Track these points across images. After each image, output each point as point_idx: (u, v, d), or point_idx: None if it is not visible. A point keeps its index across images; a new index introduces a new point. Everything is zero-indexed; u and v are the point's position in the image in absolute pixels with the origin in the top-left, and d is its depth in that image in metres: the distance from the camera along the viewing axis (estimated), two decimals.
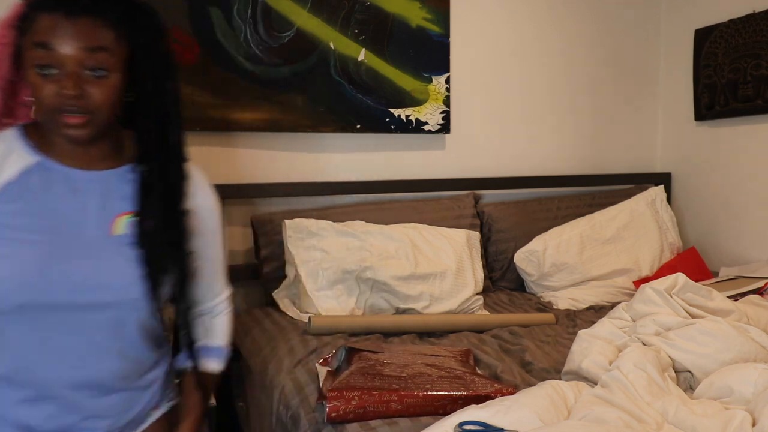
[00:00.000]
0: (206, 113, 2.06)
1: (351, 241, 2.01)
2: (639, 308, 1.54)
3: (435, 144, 2.52)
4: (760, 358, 1.32)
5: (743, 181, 2.59)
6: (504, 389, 1.30)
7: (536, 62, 2.71)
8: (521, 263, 2.33)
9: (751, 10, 2.48)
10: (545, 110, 2.75)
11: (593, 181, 2.76)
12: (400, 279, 1.96)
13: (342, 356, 1.50)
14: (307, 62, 2.20)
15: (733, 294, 1.95)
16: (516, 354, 1.65)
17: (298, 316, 1.94)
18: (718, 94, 2.62)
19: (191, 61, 2.03)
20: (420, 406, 1.25)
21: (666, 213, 2.62)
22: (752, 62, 2.45)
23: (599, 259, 2.36)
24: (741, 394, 1.17)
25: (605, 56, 2.86)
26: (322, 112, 2.24)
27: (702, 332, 1.36)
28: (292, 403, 1.39)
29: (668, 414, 1.12)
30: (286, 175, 2.27)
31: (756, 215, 2.54)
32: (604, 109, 2.89)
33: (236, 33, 2.09)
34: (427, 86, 2.40)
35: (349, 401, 1.23)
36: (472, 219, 2.38)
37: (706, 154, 2.76)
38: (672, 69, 2.91)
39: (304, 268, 1.96)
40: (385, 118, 2.34)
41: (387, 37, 2.31)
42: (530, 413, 1.10)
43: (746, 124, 2.56)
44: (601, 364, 1.33)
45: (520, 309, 2.14)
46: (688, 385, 1.34)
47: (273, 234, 2.10)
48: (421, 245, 2.09)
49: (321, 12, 2.20)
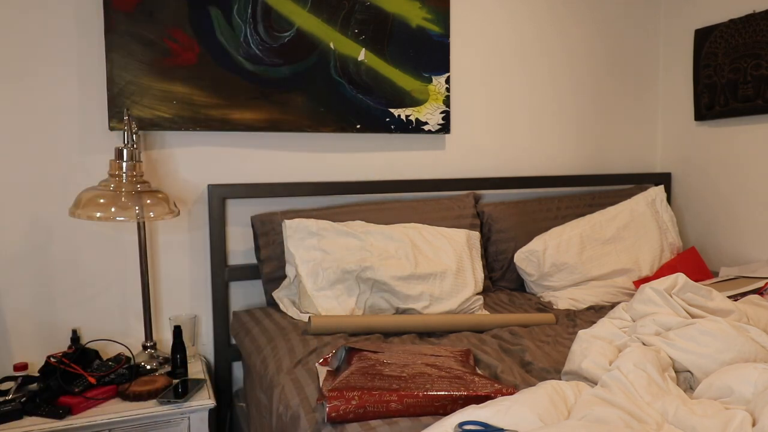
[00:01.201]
0: (206, 113, 2.07)
1: (351, 241, 2.01)
2: (639, 308, 1.54)
3: (435, 144, 2.52)
4: (760, 358, 1.32)
5: (743, 181, 2.59)
6: (504, 389, 1.30)
7: (536, 62, 2.71)
8: (521, 263, 2.33)
9: (751, 10, 2.48)
10: (545, 110, 2.75)
11: (593, 181, 2.76)
12: (400, 279, 1.96)
13: (342, 356, 1.50)
14: (307, 62, 2.20)
15: (733, 294, 1.95)
16: (516, 354, 1.65)
17: (298, 316, 1.95)
18: (718, 94, 2.62)
19: (191, 61, 2.04)
20: (420, 406, 1.25)
21: (666, 213, 2.62)
22: (752, 62, 2.46)
23: (599, 259, 2.36)
24: (741, 394, 1.17)
25: (605, 56, 2.86)
26: (322, 112, 2.24)
27: (702, 332, 1.36)
28: (292, 403, 1.39)
29: (668, 414, 1.12)
30: (286, 175, 2.27)
31: (756, 215, 2.54)
32: (604, 109, 2.89)
33: (236, 33, 2.09)
34: (427, 86, 2.40)
35: (349, 401, 1.23)
36: (472, 219, 2.39)
37: (706, 154, 2.76)
38: (672, 69, 2.92)
39: (304, 268, 1.96)
40: (385, 118, 2.34)
41: (387, 37, 2.32)
42: (530, 413, 1.10)
43: (746, 124, 2.56)
44: (601, 364, 1.33)
45: (520, 309, 2.14)
46: (688, 385, 1.34)
47: (273, 234, 2.11)
48: (421, 245, 2.09)
49: (321, 12, 2.20)
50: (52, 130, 1.94)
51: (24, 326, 1.95)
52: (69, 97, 1.95)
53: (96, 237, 2.02)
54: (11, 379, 1.76)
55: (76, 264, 2.00)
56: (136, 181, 1.81)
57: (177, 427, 1.73)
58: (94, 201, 1.73)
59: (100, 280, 2.03)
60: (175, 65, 2.02)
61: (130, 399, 1.70)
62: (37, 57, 1.90)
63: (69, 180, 1.96)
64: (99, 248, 2.02)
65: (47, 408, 1.62)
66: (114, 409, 1.66)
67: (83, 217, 1.71)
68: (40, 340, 1.96)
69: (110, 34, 1.92)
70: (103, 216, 1.71)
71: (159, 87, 2.00)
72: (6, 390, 1.68)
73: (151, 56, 1.98)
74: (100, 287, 2.03)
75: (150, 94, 1.99)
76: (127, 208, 1.75)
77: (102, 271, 2.03)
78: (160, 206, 1.82)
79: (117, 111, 1.94)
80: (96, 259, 2.02)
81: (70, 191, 1.97)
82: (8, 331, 1.93)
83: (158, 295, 2.12)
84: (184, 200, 2.13)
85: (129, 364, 1.82)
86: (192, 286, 2.16)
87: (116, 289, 2.05)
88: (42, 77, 1.91)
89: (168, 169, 2.10)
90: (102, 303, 2.04)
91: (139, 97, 1.97)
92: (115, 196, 1.75)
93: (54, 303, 1.98)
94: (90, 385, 1.71)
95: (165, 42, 1.99)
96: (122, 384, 1.76)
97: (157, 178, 2.08)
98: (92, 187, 1.79)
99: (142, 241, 1.94)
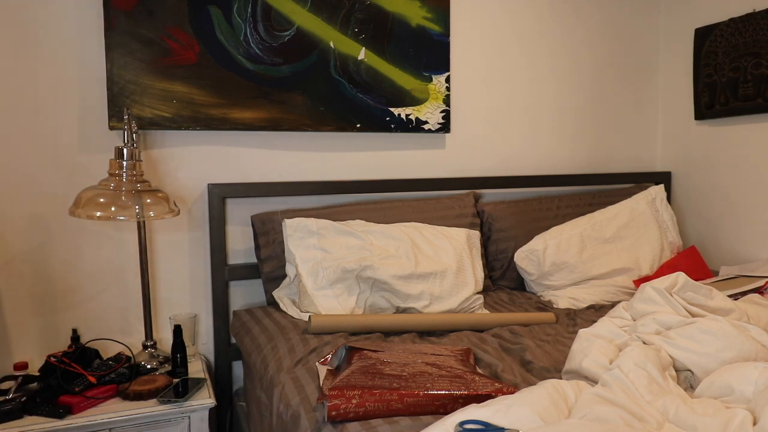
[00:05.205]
0: (206, 112, 2.07)
1: (351, 241, 2.01)
2: (639, 307, 1.54)
3: (435, 143, 2.52)
4: (761, 357, 1.32)
5: (743, 179, 2.59)
6: (504, 388, 1.30)
7: (536, 61, 2.71)
8: (521, 262, 2.33)
9: (751, 9, 2.48)
10: (545, 109, 2.75)
11: (593, 180, 2.76)
12: (401, 278, 1.96)
13: (342, 355, 1.50)
14: (307, 61, 2.20)
15: (734, 293, 1.95)
16: (516, 353, 1.65)
17: (299, 316, 1.94)
18: (719, 92, 2.62)
19: (191, 61, 2.03)
20: (420, 405, 1.25)
21: (666, 212, 2.62)
22: (752, 61, 2.45)
23: (599, 258, 2.36)
24: (742, 393, 1.16)
25: (605, 55, 2.86)
26: (322, 111, 2.24)
27: (702, 331, 1.36)
28: (292, 402, 1.39)
29: (669, 413, 1.12)
30: (286, 175, 2.27)
31: (757, 214, 2.54)
32: (605, 108, 2.89)
33: (236, 32, 2.09)
34: (427, 85, 2.40)
35: (350, 400, 1.23)
36: (472, 218, 2.38)
37: (707, 153, 2.76)
38: (672, 68, 2.91)
39: (304, 267, 1.96)
40: (385, 117, 2.34)
41: (387, 36, 2.31)
42: (531, 412, 1.10)
43: (746, 122, 2.56)
44: (602, 363, 1.33)
45: (521, 308, 2.14)
46: (688, 384, 1.34)
47: (273, 233, 2.10)
48: (422, 244, 2.09)
49: (321, 11, 2.20)
50: (52, 130, 1.94)
51: (24, 325, 1.94)
52: (69, 97, 1.95)
53: (96, 236, 2.02)
54: (11, 378, 1.76)
55: (76, 263, 1.99)
56: (136, 181, 1.81)
57: (177, 426, 1.73)
58: (94, 200, 1.73)
59: (100, 279, 2.03)
60: (175, 64, 2.01)
61: (131, 398, 1.70)
62: (36, 56, 1.90)
63: (69, 179, 1.96)
64: (99, 247, 2.02)
65: (47, 407, 1.62)
66: (114, 408, 1.66)
67: (83, 216, 1.70)
68: (40, 340, 1.96)
69: (110, 33, 1.92)
70: (103, 215, 1.71)
71: (159, 86, 2.00)
72: (6, 389, 1.68)
73: (151, 55, 1.98)
74: (100, 286, 2.03)
75: (150, 94, 1.99)
76: (127, 207, 1.75)
77: (102, 270, 2.03)
78: (160, 205, 1.82)
79: (117, 110, 1.94)
80: (96, 259, 2.02)
81: (70, 190, 1.96)
82: (8, 330, 1.93)
83: (158, 295, 2.12)
84: (184, 199, 2.13)
85: (129, 363, 1.82)
86: (192, 286, 2.16)
87: (116, 289, 2.05)
88: (42, 76, 1.91)
89: (168, 168, 2.10)
90: (102, 302, 2.04)
91: (139, 97, 1.97)
92: (115, 196, 1.75)
93: (54, 302, 1.98)
94: (90, 384, 1.71)
95: (165, 41, 1.99)
96: (122, 383, 1.76)
97: (157, 178, 2.08)
98: (92, 187, 1.78)
99: (142, 241, 1.94)
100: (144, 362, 1.88)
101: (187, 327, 1.98)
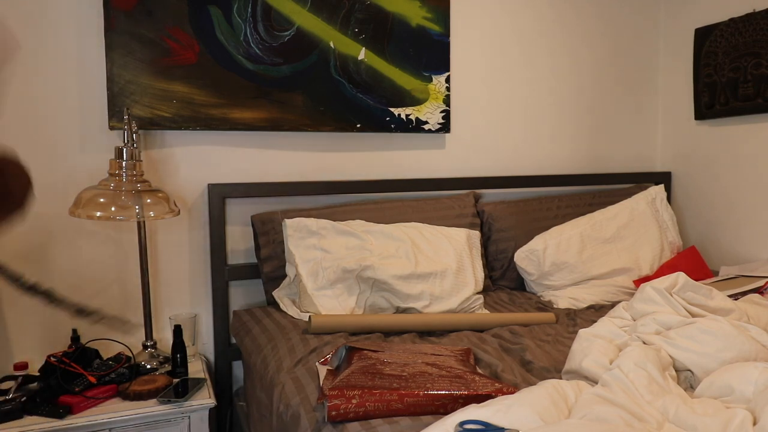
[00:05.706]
0: (206, 112, 2.07)
1: (351, 241, 2.01)
2: (639, 307, 1.54)
3: (435, 143, 2.52)
4: (761, 357, 1.32)
5: (743, 180, 2.59)
6: (504, 388, 1.30)
7: (536, 61, 2.71)
8: (521, 262, 2.33)
9: (751, 9, 2.48)
10: (546, 109, 2.75)
11: (593, 180, 2.76)
12: (401, 278, 1.96)
13: (342, 355, 1.50)
14: (307, 61, 2.20)
15: (734, 293, 1.95)
16: (516, 353, 1.65)
17: (299, 316, 1.94)
18: (719, 92, 2.62)
19: (191, 61, 2.03)
20: (421, 405, 1.25)
21: (666, 212, 2.62)
22: (752, 61, 2.45)
23: (599, 258, 2.36)
24: (742, 393, 1.16)
25: (605, 55, 2.86)
26: (322, 111, 2.24)
27: (702, 331, 1.36)
28: (292, 402, 1.39)
29: (669, 413, 1.12)
30: (286, 175, 2.27)
31: (756, 214, 2.54)
32: (605, 108, 2.89)
33: (236, 32, 2.09)
34: (427, 85, 2.40)
35: (350, 400, 1.23)
36: (472, 218, 2.38)
37: (707, 153, 2.76)
38: (672, 68, 2.91)
39: (304, 267, 1.96)
40: (385, 117, 2.34)
41: (387, 36, 2.31)
42: (531, 412, 1.10)
43: (746, 123, 2.56)
44: (602, 363, 1.33)
45: (521, 308, 2.14)
46: (688, 384, 1.34)
47: (273, 233, 2.10)
48: (422, 244, 2.09)
49: (321, 11, 2.20)
50: (52, 130, 1.94)
51: (24, 325, 1.94)
52: (69, 97, 1.95)
53: (96, 236, 2.02)
54: (11, 378, 1.76)
55: (76, 263, 1.99)
56: (136, 181, 1.81)
57: (177, 426, 1.73)
58: (94, 200, 1.73)
59: (100, 279, 2.03)
60: (175, 64, 2.01)
61: (131, 398, 1.70)
62: (36, 56, 1.90)
63: (69, 179, 1.96)
64: (99, 247, 2.02)
65: (47, 407, 1.62)
66: (114, 408, 1.66)
67: (83, 216, 1.70)
68: (40, 340, 1.96)
69: (110, 33, 1.92)
70: (103, 215, 1.71)
71: (159, 86, 1.99)
72: (6, 389, 1.68)
73: (151, 55, 1.98)
74: (101, 286, 2.03)
75: (150, 94, 1.99)
76: (127, 207, 1.75)
77: (102, 270, 2.03)
78: (160, 205, 1.82)
79: (117, 110, 1.94)
80: (96, 259, 2.02)
81: (70, 190, 1.96)
82: (8, 330, 1.93)
83: (158, 295, 2.12)
84: (184, 199, 2.13)
85: (129, 363, 1.82)
86: (192, 286, 2.16)
87: (116, 289, 2.05)
88: (42, 76, 1.91)
89: (168, 168, 2.10)
90: (102, 302, 2.04)
91: (139, 96, 1.97)
92: (115, 196, 1.75)
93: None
94: (90, 384, 1.71)
95: (165, 41, 1.99)
96: (122, 383, 1.76)
97: (157, 178, 2.08)
98: (92, 187, 1.78)
99: (142, 241, 1.94)
100: (144, 362, 1.88)
101: (187, 327, 1.98)
